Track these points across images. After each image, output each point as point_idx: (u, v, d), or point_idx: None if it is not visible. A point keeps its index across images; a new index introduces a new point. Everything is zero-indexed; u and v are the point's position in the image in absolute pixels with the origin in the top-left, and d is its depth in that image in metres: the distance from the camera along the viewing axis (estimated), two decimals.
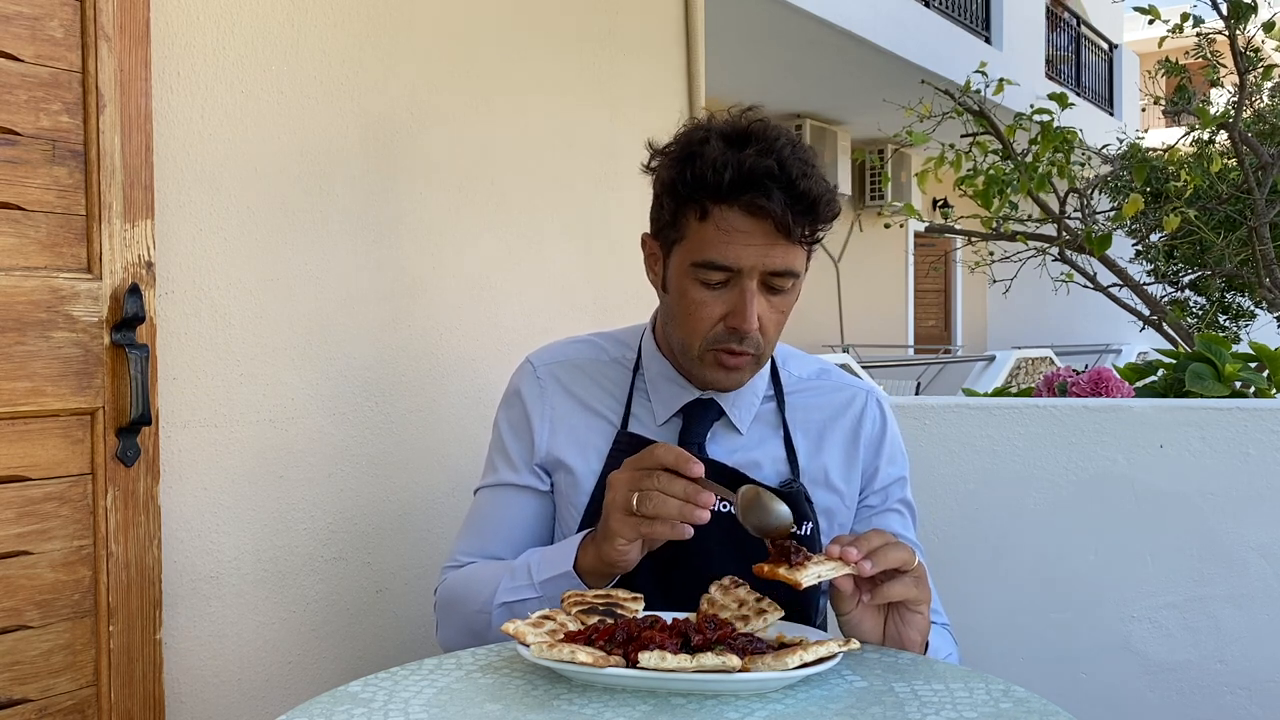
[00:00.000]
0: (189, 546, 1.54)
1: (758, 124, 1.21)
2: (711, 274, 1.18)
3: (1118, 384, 2.10)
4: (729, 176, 1.15)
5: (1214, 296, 9.23)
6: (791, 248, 1.18)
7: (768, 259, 1.17)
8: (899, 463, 1.37)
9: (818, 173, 1.18)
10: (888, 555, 1.07)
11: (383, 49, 1.80)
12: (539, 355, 1.39)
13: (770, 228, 1.15)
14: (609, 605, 1.10)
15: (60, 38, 1.35)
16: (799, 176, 1.15)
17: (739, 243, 1.16)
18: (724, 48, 7.35)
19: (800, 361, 1.39)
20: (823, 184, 1.18)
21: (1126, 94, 14.82)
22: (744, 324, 1.18)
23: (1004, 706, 0.93)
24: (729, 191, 1.15)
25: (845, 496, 1.32)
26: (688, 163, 1.19)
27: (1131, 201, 4.73)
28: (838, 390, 1.36)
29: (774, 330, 1.23)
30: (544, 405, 1.34)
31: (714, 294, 1.20)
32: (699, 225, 1.19)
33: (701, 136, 1.20)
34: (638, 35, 2.34)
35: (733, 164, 1.15)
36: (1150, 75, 7.74)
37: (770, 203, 1.14)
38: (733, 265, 1.17)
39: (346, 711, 0.93)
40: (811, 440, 1.32)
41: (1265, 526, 1.60)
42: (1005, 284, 6.19)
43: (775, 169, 1.14)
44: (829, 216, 1.19)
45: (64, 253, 1.35)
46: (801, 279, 1.23)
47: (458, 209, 1.93)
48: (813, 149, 1.23)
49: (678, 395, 1.30)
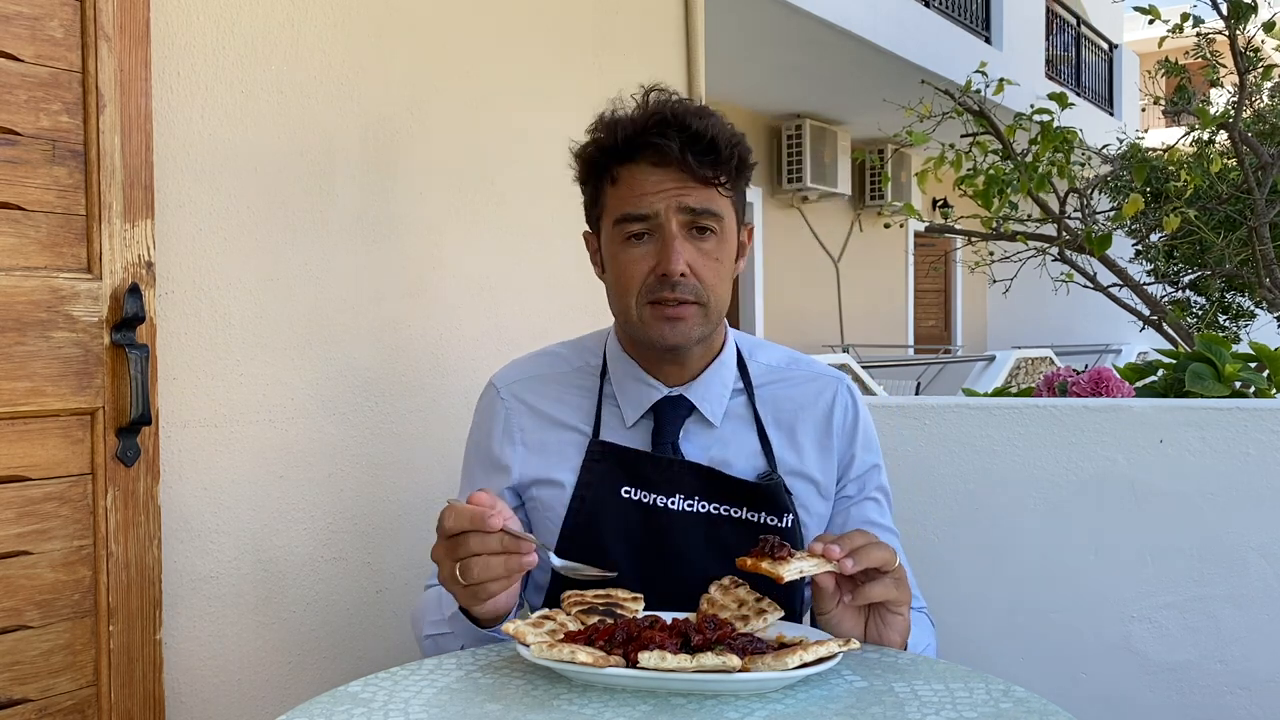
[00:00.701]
0: (189, 546, 1.54)
1: (654, 91, 1.26)
2: (632, 226, 1.22)
3: (1118, 384, 2.10)
4: (625, 133, 1.21)
5: (1214, 296, 9.23)
6: (706, 189, 1.21)
7: (681, 198, 1.20)
8: (873, 449, 1.37)
9: (717, 120, 1.22)
10: (870, 554, 1.07)
11: (383, 49, 1.80)
12: (502, 376, 1.39)
13: (676, 171, 1.20)
14: (609, 605, 1.10)
15: (60, 38, 1.35)
16: (693, 118, 1.19)
17: (650, 191, 1.20)
18: (724, 48, 7.36)
19: (768, 351, 1.39)
20: (722, 127, 1.21)
21: (1126, 94, 14.82)
22: (670, 265, 1.19)
23: (1004, 706, 0.93)
24: (630, 148, 1.21)
25: (822, 486, 1.32)
26: (591, 142, 1.26)
27: (1132, 201, 4.73)
28: (809, 380, 1.36)
29: (712, 277, 1.23)
30: (512, 428, 1.34)
31: (640, 249, 1.22)
32: (613, 189, 1.24)
33: (604, 118, 1.26)
34: (638, 35, 2.34)
35: (625, 124, 1.22)
36: (1150, 75, 7.74)
37: (668, 143, 1.18)
38: (647, 211, 1.20)
39: (346, 711, 0.93)
40: (785, 431, 1.32)
41: (1265, 526, 1.60)
42: (1005, 284, 6.19)
43: (668, 116, 1.20)
44: (735, 159, 1.22)
45: (64, 253, 1.35)
46: (730, 227, 1.25)
47: (458, 209, 1.93)
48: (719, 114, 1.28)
49: (645, 395, 1.30)
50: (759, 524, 1.25)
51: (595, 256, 1.32)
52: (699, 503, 1.25)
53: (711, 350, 1.31)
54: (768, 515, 1.26)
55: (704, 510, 1.25)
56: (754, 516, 1.26)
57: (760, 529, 1.25)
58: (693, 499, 1.25)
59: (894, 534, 1.35)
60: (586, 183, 1.29)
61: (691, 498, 1.25)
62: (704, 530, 1.25)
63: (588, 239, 1.33)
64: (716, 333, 1.30)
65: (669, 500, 1.25)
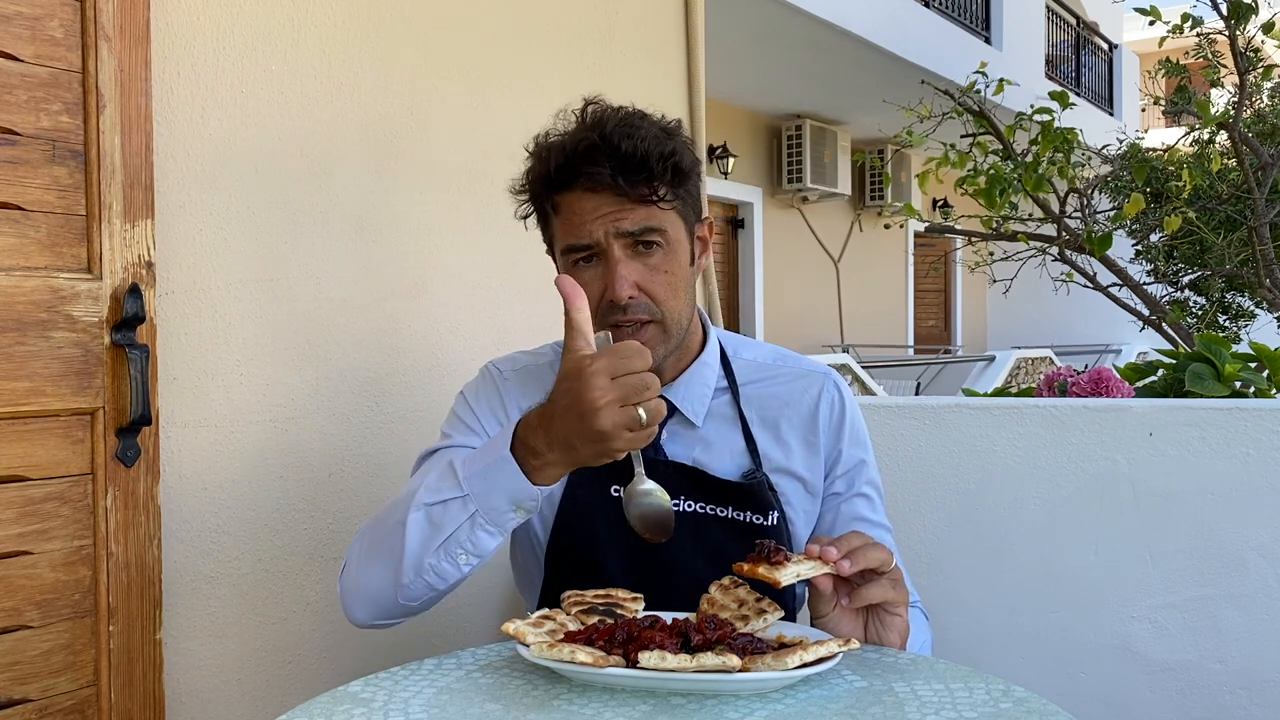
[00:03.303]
0: (189, 546, 1.54)
1: (588, 109, 1.25)
2: (577, 254, 1.22)
3: (1118, 384, 2.10)
4: (557, 164, 1.20)
5: (1214, 296, 9.23)
6: (644, 208, 1.19)
7: (619, 223, 1.19)
8: (861, 444, 1.35)
9: (648, 131, 1.20)
10: (867, 555, 1.07)
11: (383, 49, 1.80)
12: (500, 361, 1.40)
13: (610, 196, 1.19)
14: (609, 605, 1.10)
15: (60, 38, 1.35)
16: (621, 139, 1.17)
17: (588, 219, 1.19)
18: (724, 48, 7.36)
19: (753, 349, 1.39)
20: (653, 142, 1.19)
21: (1126, 94, 14.82)
22: (615, 292, 1.19)
23: (1004, 706, 0.93)
24: (562, 177, 1.20)
25: (809, 483, 1.32)
26: (529, 172, 1.26)
27: (1132, 201, 4.73)
28: (796, 377, 1.35)
29: (665, 293, 1.22)
30: (509, 402, 1.34)
31: (590, 271, 1.21)
32: (557, 219, 1.24)
33: (539, 143, 1.26)
34: (638, 35, 2.34)
35: (556, 151, 1.21)
36: (1150, 75, 7.74)
37: (599, 169, 1.17)
38: (588, 241, 1.20)
39: (346, 711, 0.93)
40: (770, 429, 1.31)
41: (1265, 526, 1.60)
42: (1005, 284, 6.19)
43: (596, 140, 1.18)
44: (671, 171, 1.20)
45: (64, 253, 1.35)
46: (678, 238, 1.23)
47: (458, 209, 1.93)
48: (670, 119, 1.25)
49: None
50: (744, 523, 1.25)
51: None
52: (684, 502, 1.25)
53: (688, 353, 1.31)
54: (752, 514, 1.26)
55: (690, 509, 1.25)
56: (739, 515, 1.26)
57: (746, 528, 1.25)
58: (678, 499, 1.25)
59: (887, 530, 1.35)
60: (533, 212, 1.29)
61: (677, 497, 1.25)
62: (690, 529, 1.25)
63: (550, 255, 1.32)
64: (689, 338, 1.29)
65: None
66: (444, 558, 1.11)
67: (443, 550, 1.11)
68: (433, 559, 1.11)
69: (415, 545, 1.11)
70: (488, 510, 1.09)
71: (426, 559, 1.11)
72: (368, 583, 1.17)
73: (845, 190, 11.36)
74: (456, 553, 1.11)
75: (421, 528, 1.11)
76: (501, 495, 1.08)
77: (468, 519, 1.09)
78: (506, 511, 1.09)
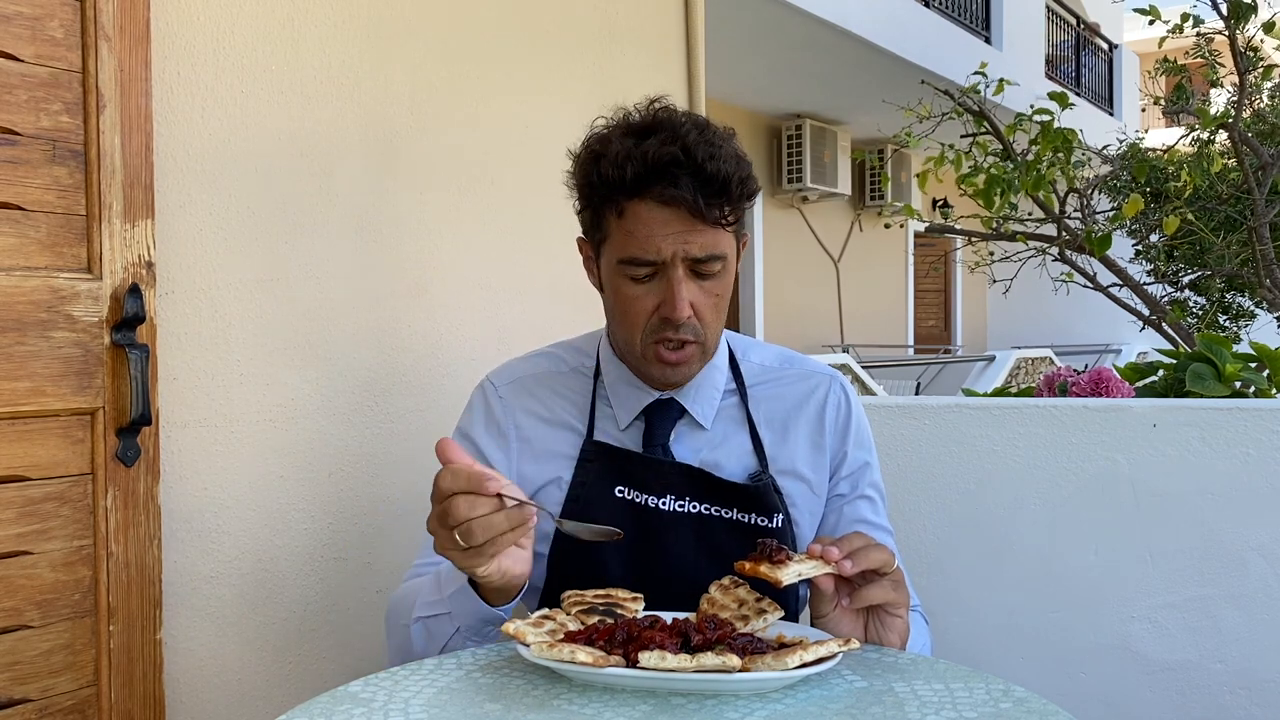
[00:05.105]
0: (189, 546, 1.54)
1: (661, 112, 1.21)
2: (637, 269, 1.19)
3: (1118, 384, 2.10)
4: (634, 170, 1.15)
5: (1214, 296, 9.23)
6: (712, 231, 1.17)
7: (688, 246, 1.17)
8: (866, 446, 1.36)
9: (728, 152, 1.17)
10: (868, 556, 1.07)
11: (383, 49, 1.80)
12: (498, 374, 1.38)
13: (685, 214, 1.15)
14: (609, 605, 1.10)
15: (60, 38, 1.35)
16: (705, 159, 1.14)
17: (657, 234, 1.16)
18: (724, 48, 7.36)
19: (761, 351, 1.39)
20: (733, 163, 1.16)
21: (1126, 94, 14.82)
22: (675, 313, 1.18)
23: (1004, 706, 0.93)
24: (638, 185, 1.16)
25: (814, 485, 1.32)
26: (594, 164, 1.20)
27: (1132, 201, 4.73)
28: (802, 378, 1.36)
29: (712, 316, 1.22)
30: (508, 422, 1.33)
31: (644, 288, 1.20)
32: (618, 223, 1.19)
33: (604, 135, 1.22)
34: (638, 35, 2.34)
35: (636, 157, 1.15)
36: (1150, 75, 7.74)
37: (679, 190, 1.14)
38: (654, 258, 1.17)
39: (346, 711, 0.93)
40: (777, 431, 1.32)
41: (1265, 526, 1.60)
42: (1005, 284, 6.19)
43: (680, 155, 1.14)
44: (745, 195, 1.18)
45: (64, 253, 1.35)
46: (732, 261, 1.23)
47: (458, 209, 1.93)
48: (729, 129, 1.22)
49: (637, 398, 1.30)
50: (749, 525, 1.25)
51: (590, 264, 1.30)
52: (690, 503, 1.25)
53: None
54: (758, 516, 1.26)
55: (695, 511, 1.25)
56: (744, 517, 1.26)
57: (751, 529, 1.25)
58: (684, 499, 1.25)
59: (889, 533, 1.35)
60: (584, 200, 1.25)
61: (683, 498, 1.25)
62: (695, 531, 1.25)
63: (582, 245, 1.31)
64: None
65: (661, 501, 1.25)
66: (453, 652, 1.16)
67: (448, 649, 1.16)
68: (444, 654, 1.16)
69: (422, 648, 1.18)
70: (469, 626, 1.14)
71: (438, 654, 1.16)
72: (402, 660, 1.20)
73: (845, 190, 11.36)
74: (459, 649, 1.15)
75: (422, 637, 1.18)
76: (473, 616, 1.13)
77: (455, 632, 1.15)
78: (484, 627, 1.14)
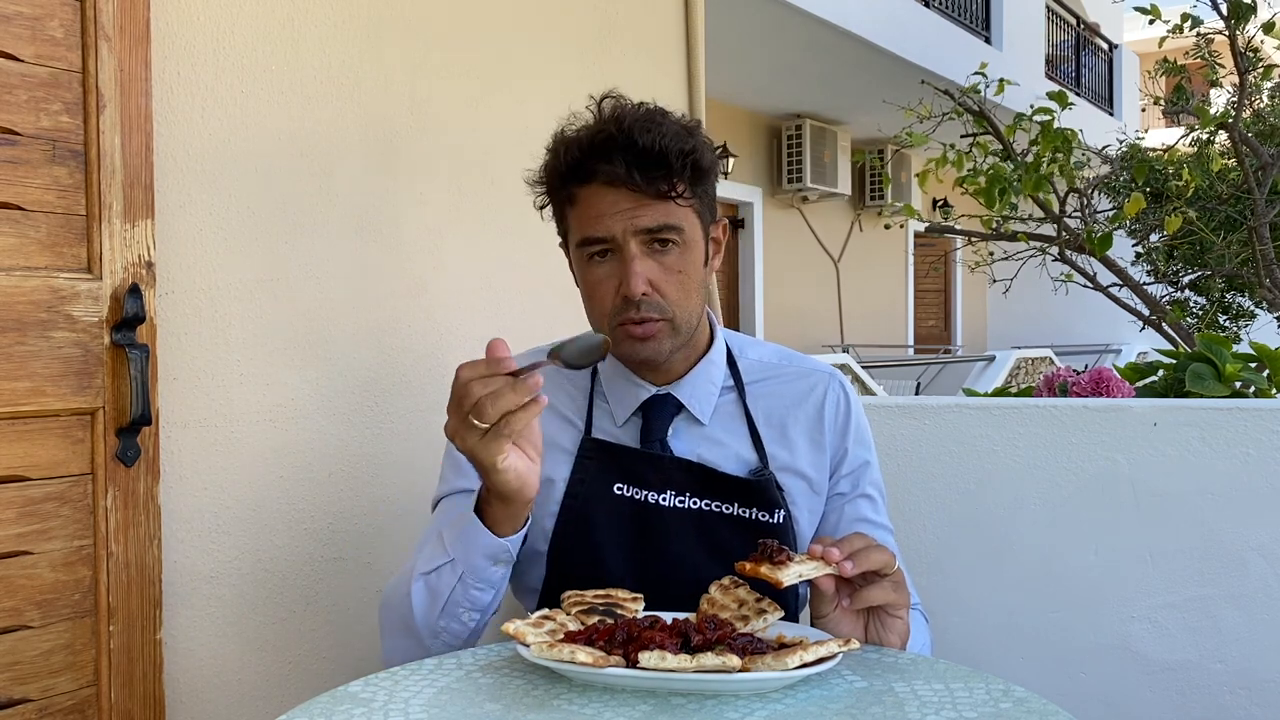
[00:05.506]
0: (189, 546, 1.54)
1: (607, 102, 1.25)
2: (593, 248, 1.22)
3: (1118, 384, 2.10)
4: (574, 156, 1.20)
5: (1214, 296, 9.23)
6: (661, 204, 1.19)
7: (636, 220, 1.19)
8: (866, 444, 1.36)
9: (669, 128, 1.20)
10: (869, 557, 1.07)
11: (383, 49, 1.80)
12: None
13: (627, 191, 1.18)
14: (609, 605, 1.10)
15: (60, 38, 1.35)
16: (639, 133, 1.17)
17: (606, 214, 1.19)
18: (724, 48, 7.36)
19: (759, 348, 1.39)
20: (674, 138, 1.19)
21: (1126, 94, 14.82)
22: (629, 289, 1.19)
23: (1004, 706, 0.93)
24: (581, 170, 1.20)
25: (815, 483, 1.32)
26: (547, 163, 1.26)
27: (1133, 201, 4.73)
28: (800, 376, 1.36)
29: (677, 293, 1.22)
30: None
31: (605, 269, 1.22)
32: (573, 211, 1.24)
33: (557, 136, 1.26)
34: (638, 35, 2.34)
35: (575, 144, 1.21)
36: (1150, 75, 7.74)
37: (615, 166, 1.17)
38: (604, 235, 1.20)
39: (346, 711, 0.93)
40: (776, 428, 1.32)
41: (1265, 526, 1.60)
42: (1005, 284, 6.19)
43: (613, 132, 1.18)
44: (689, 167, 1.20)
45: (64, 253, 1.35)
46: (693, 237, 1.24)
47: (458, 209, 1.93)
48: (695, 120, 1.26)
49: (633, 394, 1.30)
50: (750, 520, 1.25)
51: (571, 268, 1.32)
52: (690, 499, 1.25)
53: (695, 351, 1.31)
54: (759, 511, 1.26)
55: (695, 507, 1.25)
56: (745, 513, 1.26)
57: (751, 525, 1.25)
58: (684, 495, 1.25)
59: (889, 531, 1.35)
60: (550, 204, 1.29)
61: (683, 494, 1.25)
62: (696, 526, 1.25)
63: (564, 249, 1.33)
64: (697, 336, 1.30)
65: (661, 497, 1.25)
66: (450, 620, 1.17)
67: (446, 613, 1.16)
68: (441, 621, 1.17)
69: (422, 612, 1.17)
70: (472, 570, 1.14)
71: (436, 623, 1.17)
72: (399, 655, 1.21)
73: (845, 190, 11.37)
74: (459, 612, 1.16)
75: (423, 595, 1.17)
76: (478, 553, 1.13)
77: (458, 581, 1.15)
78: (488, 567, 1.14)
